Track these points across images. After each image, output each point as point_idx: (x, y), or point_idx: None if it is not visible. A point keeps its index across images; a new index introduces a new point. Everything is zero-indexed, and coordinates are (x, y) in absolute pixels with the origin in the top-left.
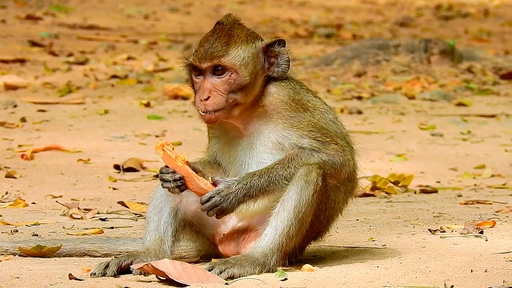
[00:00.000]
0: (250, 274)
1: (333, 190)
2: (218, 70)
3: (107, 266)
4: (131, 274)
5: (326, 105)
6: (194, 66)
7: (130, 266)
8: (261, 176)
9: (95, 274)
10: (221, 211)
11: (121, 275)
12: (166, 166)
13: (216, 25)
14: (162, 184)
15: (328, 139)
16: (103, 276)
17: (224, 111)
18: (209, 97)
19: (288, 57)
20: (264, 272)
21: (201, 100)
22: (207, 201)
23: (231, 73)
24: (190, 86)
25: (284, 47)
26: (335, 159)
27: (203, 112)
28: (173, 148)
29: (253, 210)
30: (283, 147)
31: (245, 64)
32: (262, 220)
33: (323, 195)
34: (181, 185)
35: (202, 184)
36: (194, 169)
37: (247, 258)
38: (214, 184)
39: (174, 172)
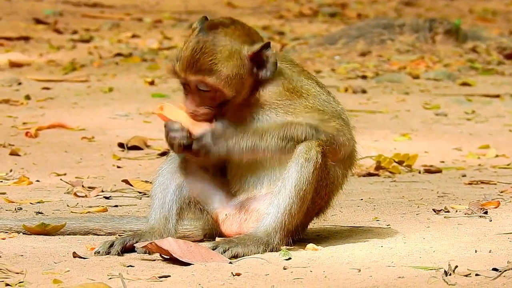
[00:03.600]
0: (254, 253)
1: (333, 165)
2: (203, 86)
3: (111, 245)
4: (136, 253)
5: (319, 85)
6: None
7: (135, 245)
8: (261, 135)
9: (99, 252)
10: (206, 153)
11: (126, 254)
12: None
13: (199, 30)
14: (171, 140)
15: (326, 117)
16: (107, 254)
17: (215, 113)
18: (196, 111)
19: (274, 60)
20: (268, 251)
21: (189, 111)
22: (200, 139)
23: (216, 91)
24: (182, 90)
25: (269, 49)
26: (334, 138)
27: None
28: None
29: (254, 190)
30: None
31: (229, 81)
32: (263, 200)
33: (323, 171)
34: (189, 144)
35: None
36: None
37: (251, 237)
38: None
39: (182, 129)
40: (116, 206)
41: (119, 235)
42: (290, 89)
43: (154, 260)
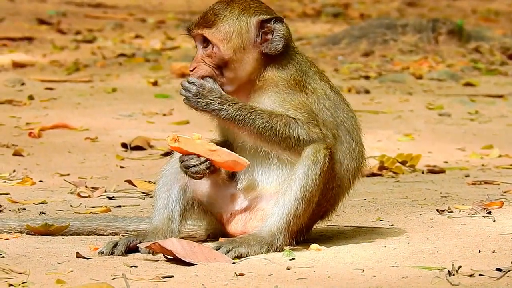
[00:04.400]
0: (257, 254)
1: (340, 169)
2: (203, 40)
3: (115, 245)
4: (139, 253)
5: (332, 89)
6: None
7: (138, 245)
8: (241, 109)
9: (103, 253)
10: (187, 102)
11: (129, 254)
12: (184, 155)
13: None
14: (187, 173)
15: (313, 121)
16: (111, 255)
17: (220, 82)
18: (195, 67)
19: (283, 34)
20: (272, 252)
21: (189, 70)
22: (187, 87)
23: (213, 47)
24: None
25: (282, 24)
26: (307, 143)
27: None
28: (178, 137)
29: (260, 189)
30: None
31: (228, 39)
32: (269, 200)
33: (330, 174)
34: (210, 166)
35: (226, 153)
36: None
37: (255, 238)
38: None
39: (196, 156)
40: (119, 206)
41: (122, 235)
42: (296, 81)
43: (158, 260)
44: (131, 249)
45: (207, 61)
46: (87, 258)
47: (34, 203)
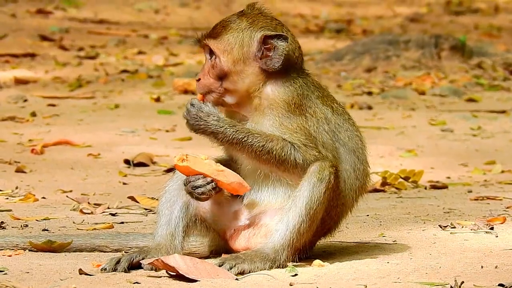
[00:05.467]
0: (260, 270)
1: (345, 187)
2: (207, 50)
3: (118, 262)
4: (142, 269)
5: (334, 112)
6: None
7: (141, 262)
8: (237, 132)
9: (105, 269)
10: (187, 125)
11: (132, 270)
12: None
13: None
14: (193, 194)
15: (311, 145)
16: (113, 271)
17: (214, 95)
18: (200, 78)
19: (283, 53)
20: (275, 268)
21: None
22: (188, 110)
23: (215, 57)
24: None
25: (285, 42)
26: (305, 166)
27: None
28: (186, 156)
29: (265, 205)
30: None
31: (228, 51)
32: (273, 216)
33: (334, 192)
34: (216, 187)
35: (232, 175)
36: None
37: (258, 254)
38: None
39: (203, 176)
40: (122, 222)
41: (125, 252)
42: (297, 104)
43: (160, 276)
44: (134, 266)
45: (210, 73)
46: (90, 275)
47: (36, 220)
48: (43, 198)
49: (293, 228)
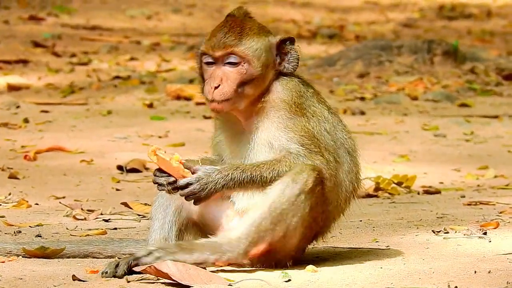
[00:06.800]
0: (201, 261)
1: (333, 192)
2: (231, 59)
3: (117, 265)
4: (136, 274)
5: (329, 111)
6: (207, 55)
7: (134, 269)
8: (244, 171)
9: (107, 272)
10: (198, 199)
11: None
12: (159, 170)
13: (227, 17)
14: (157, 187)
15: (316, 149)
16: (114, 275)
17: (230, 102)
18: (219, 85)
19: (298, 55)
20: (225, 260)
21: (211, 88)
22: (185, 187)
23: (244, 63)
24: (200, 76)
25: (294, 45)
26: (318, 166)
27: (211, 101)
28: (165, 152)
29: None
30: (272, 146)
31: (258, 56)
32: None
33: (317, 198)
34: (176, 188)
35: None
36: (189, 168)
37: (208, 244)
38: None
39: (168, 175)
40: (116, 228)
41: (118, 258)
42: (297, 104)
43: (154, 282)
44: (131, 270)
45: (232, 79)
46: (83, 281)
47: (30, 226)
48: (36, 204)
49: (252, 223)
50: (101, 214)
